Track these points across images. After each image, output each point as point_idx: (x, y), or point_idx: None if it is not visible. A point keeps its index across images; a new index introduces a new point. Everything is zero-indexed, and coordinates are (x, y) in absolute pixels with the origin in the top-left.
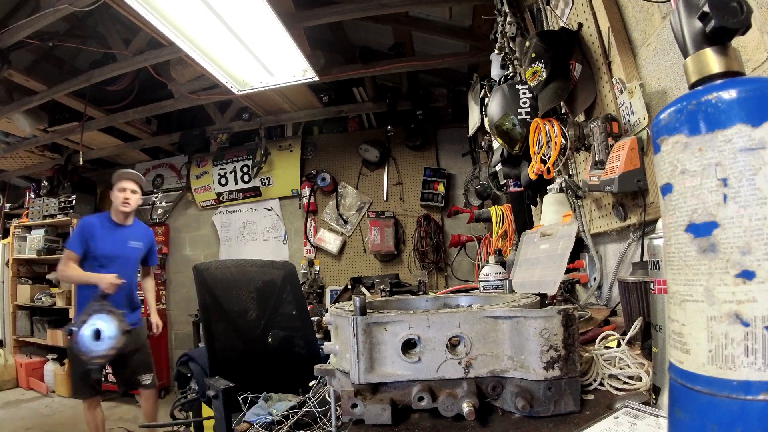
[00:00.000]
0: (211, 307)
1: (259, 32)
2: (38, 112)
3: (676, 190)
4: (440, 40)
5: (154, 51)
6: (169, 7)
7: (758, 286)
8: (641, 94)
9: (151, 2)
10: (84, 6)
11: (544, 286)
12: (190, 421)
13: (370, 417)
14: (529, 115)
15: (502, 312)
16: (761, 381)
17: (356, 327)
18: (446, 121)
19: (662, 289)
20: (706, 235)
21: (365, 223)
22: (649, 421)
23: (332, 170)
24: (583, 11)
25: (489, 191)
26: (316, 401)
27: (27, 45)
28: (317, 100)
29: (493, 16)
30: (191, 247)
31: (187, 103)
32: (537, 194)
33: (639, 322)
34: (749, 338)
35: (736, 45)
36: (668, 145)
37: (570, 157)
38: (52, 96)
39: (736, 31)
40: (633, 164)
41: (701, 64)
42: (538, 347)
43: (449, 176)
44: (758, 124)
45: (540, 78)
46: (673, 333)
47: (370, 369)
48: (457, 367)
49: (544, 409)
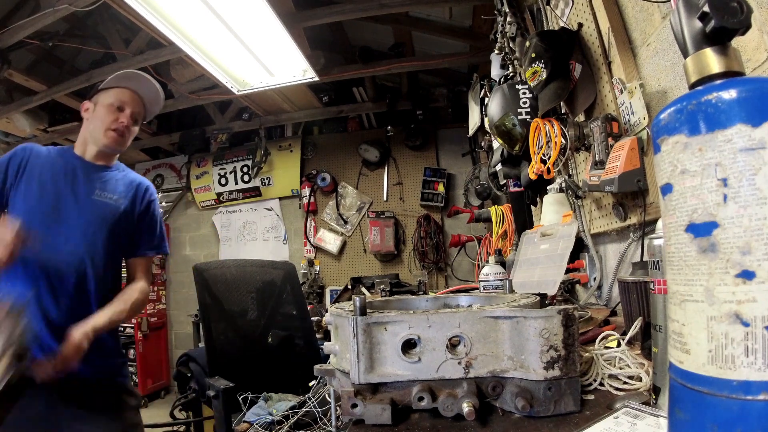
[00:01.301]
0: (211, 307)
1: (259, 32)
2: (38, 112)
3: (676, 190)
4: (440, 40)
5: (154, 51)
6: (169, 7)
7: (758, 286)
8: (641, 94)
9: (151, 2)
10: (84, 6)
11: (544, 286)
12: (191, 421)
13: (370, 417)
14: (529, 115)
15: (502, 312)
16: (761, 381)
17: (356, 327)
18: (446, 121)
19: (662, 289)
20: (706, 235)
21: (365, 223)
22: (649, 421)
23: (332, 170)
24: (583, 11)
25: (489, 191)
26: (316, 401)
27: (27, 45)
28: (317, 100)
29: (493, 16)
30: (191, 247)
31: (187, 103)
32: (537, 194)
33: (639, 322)
34: (749, 338)
35: (736, 45)
36: (668, 145)
37: (570, 157)
38: (52, 96)
39: (736, 31)
40: (633, 164)
41: (701, 64)
42: (538, 347)
43: (449, 176)
44: (758, 124)
45: (540, 78)
46: (673, 333)
47: (370, 369)
48: (457, 367)
49: (544, 409)
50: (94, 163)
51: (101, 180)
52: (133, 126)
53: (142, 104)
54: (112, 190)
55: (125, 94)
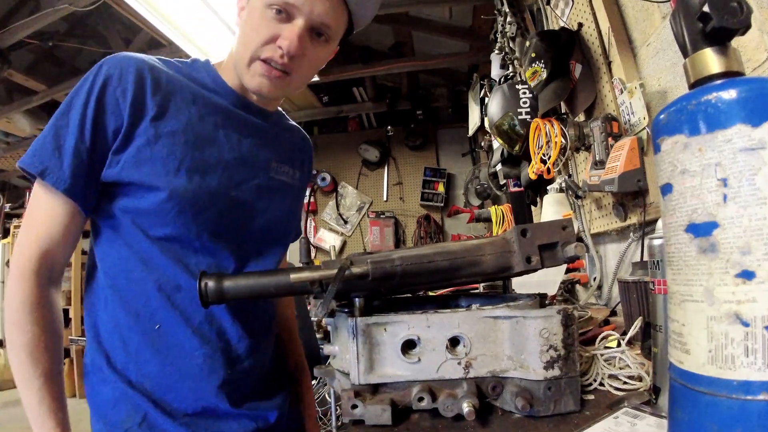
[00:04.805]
0: None
1: None
2: (38, 112)
3: (676, 190)
4: (440, 40)
5: (154, 51)
6: (169, 7)
7: (758, 286)
8: (641, 94)
9: (151, 2)
10: (84, 6)
11: (544, 286)
12: None
13: (370, 417)
14: (529, 115)
15: (501, 312)
16: (761, 381)
17: (356, 328)
18: (446, 121)
19: (662, 289)
20: (706, 235)
21: (365, 223)
22: (649, 421)
23: (332, 170)
24: (583, 11)
25: (489, 191)
26: (316, 401)
27: (27, 45)
28: (317, 99)
29: (493, 16)
30: None
31: None
32: (537, 194)
33: (639, 322)
34: (749, 338)
35: (736, 45)
36: (668, 145)
37: (570, 157)
38: (52, 96)
39: (736, 31)
40: (633, 164)
41: (701, 64)
42: (538, 347)
43: (449, 176)
44: (758, 124)
45: (540, 78)
46: (673, 333)
47: (370, 369)
48: (457, 367)
49: (544, 409)
50: (260, 108)
51: (274, 137)
52: (314, 49)
53: (339, 3)
54: (285, 159)
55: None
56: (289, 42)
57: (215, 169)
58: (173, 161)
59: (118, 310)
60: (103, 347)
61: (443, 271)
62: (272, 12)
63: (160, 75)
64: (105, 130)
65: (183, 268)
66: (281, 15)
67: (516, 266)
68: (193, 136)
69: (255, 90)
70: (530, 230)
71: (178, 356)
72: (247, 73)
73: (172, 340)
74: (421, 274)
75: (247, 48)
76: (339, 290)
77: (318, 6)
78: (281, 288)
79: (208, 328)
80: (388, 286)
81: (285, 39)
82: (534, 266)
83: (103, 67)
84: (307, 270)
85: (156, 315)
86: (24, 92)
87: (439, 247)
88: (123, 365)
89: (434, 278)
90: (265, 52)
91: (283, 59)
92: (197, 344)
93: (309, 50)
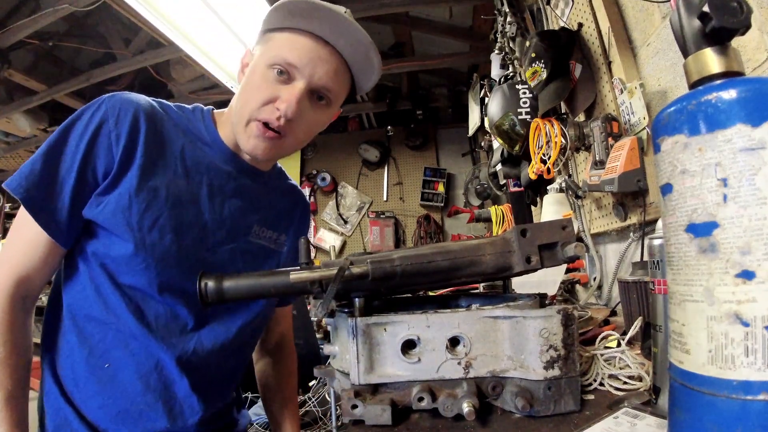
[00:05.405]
0: None
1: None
2: (38, 112)
3: (676, 190)
4: (440, 40)
5: (154, 51)
6: (169, 7)
7: (758, 286)
8: (641, 94)
9: (151, 2)
10: (84, 6)
11: (544, 286)
12: None
13: (370, 417)
14: (529, 115)
15: (501, 312)
16: (761, 381)
17: (356, 328)
18: (446, 121)
19: (662, 289)
20: (706, 235)
21: (365, 223)
22: (649, 421)
23: (332, 170)
24: (583, 11)
25: (489, 191)
26: (316, 401)
27: (27, 45)
28: None
29: (493, 16)
30: None
31: (188, 103)
32: (537, 194)
33: (639, 322)
34: (749, 338)
35: (736, 45)
36: (668, 145)
37: (570, 157)
38: (52, 96)
39: (736, 31)
40: (633, 164)
41: (701, 64)
42: (538, 347)
43: (449, 176)
44: (758, 124)
45: (540, 78)
46: (673, 333)
47: (370, 370)
48: (457, 367)
49: (544, 409)
50: (254, 168)
51: (265, 195)
52: (313, 112)
53: (342, 68)
54: (269, 224)
55: (302, 46)
56: (287, 105)
57: (190, 229)
58: (149, 217)
59: (73, 340)
60: (57, 371)
61: (443, 271)
62: (274, 73)
63: (156, 124)
64: (95, 170)
65: (140, 319)
66: (283, 76)
67: (516, 266)
68: (175, 194)
69: (249, 152)
70: (530, 230)
71: (120, 397)
72: (244, 133)
73: (118, 380)
74: (421, 274)
75: (246, 107)
76: (339, 290)
77: (320, 69)
78: (281, 288)
79: (155, 378)
80: (388, 286)
81: (283, 101)
82: (534, 266)
83: (102, 106)
84: (307, 270)
85: (108, 354)
86: (24, 92)
87: (439, 247)
88: (70, 392)
89: (434, 278)
90: (263, 113)
91: (279, 121)
92: (140, 390)
93: (308, 113)
